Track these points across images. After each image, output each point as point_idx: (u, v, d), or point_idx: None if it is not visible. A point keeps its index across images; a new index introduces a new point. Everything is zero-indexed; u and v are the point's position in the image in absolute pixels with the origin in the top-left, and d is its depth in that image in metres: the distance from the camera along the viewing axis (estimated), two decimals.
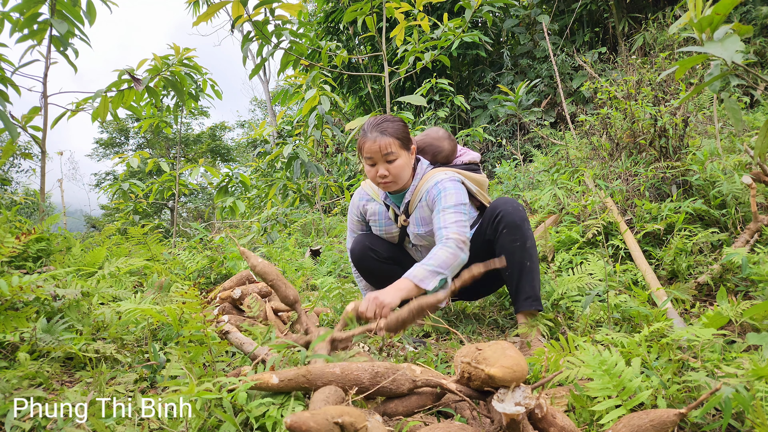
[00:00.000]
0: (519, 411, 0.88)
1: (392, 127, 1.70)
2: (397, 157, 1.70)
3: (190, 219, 12.93)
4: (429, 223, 1.79)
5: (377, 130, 1.68)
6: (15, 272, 1.80)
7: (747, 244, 2.04)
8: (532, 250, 1.68)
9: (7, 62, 2.83)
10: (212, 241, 3.69)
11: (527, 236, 1.67)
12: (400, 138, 1.70)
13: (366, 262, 1.93)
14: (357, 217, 2.03)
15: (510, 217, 1.66)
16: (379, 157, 1.69)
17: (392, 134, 1.68)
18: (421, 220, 1.81)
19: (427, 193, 1.77)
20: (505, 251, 1.66)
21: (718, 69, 1.19)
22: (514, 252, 1.65)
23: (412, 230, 1.84)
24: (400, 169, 1.71)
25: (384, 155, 1.68)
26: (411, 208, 1.82)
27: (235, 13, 2.86)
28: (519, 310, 1.69)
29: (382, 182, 1.75)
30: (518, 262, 1.66)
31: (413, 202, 1.81)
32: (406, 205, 1.83)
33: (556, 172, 3.46)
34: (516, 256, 1.66)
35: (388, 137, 1.67)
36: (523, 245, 1.66)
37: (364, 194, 2.00)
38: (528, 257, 1.66)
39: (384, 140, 1.67)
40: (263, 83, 17.40)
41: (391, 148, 1.67)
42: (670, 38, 5.82)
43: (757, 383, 0.94)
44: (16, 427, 1.01)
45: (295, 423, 0.79)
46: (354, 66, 8.38)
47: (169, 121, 4.72)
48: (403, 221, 1.85)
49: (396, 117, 1.76)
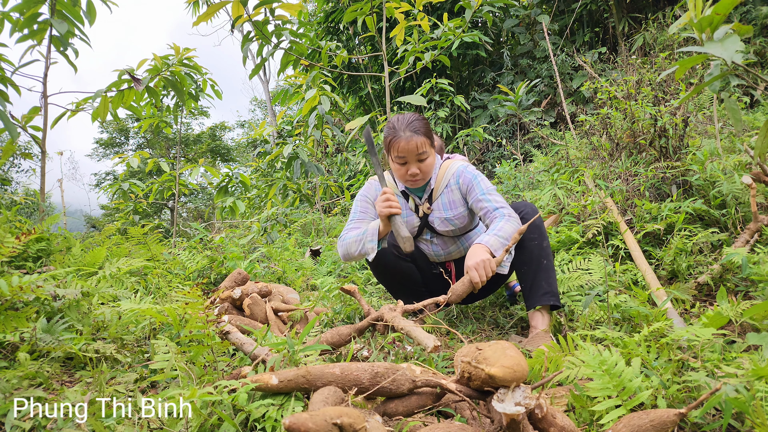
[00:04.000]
0: (519, 411, 0.88)
1: (423, 126, 1.73)
2: (429, 156, 1.75)
3: (190, 219, 12.93)
4: (458, 206, 1.84)
5: (410, 129, 1.70)
6: (15, 272, 1.80)
7: (747, 244, 2.04)
8: (549, 249, 1.74)
9: (7, 62, 2.83)
10: (212, 241, 3.69)
11: (544, 236, 1.73)
12: (430, 137, 1.76)
13: (386, 257, 1.89)
14: (369, 205, 1.94)
15: (531, 217, 1.73)
16: (413, 157, 1.72)
17: (424, 133, 1.72)
18: (450, 204, 1.85)
19: (456, 178, 1.83)
20: (524, 248, 1.72)
21: (718, 69, 1.19)
22: (533, 250, 1.71)
23: (438, 215, 1.86)
24: (430, 166, 1.77)
25: (418, 154, 1.71)
26: (435, 195, 1.86)
27: (235, 13, 2.86)
28: (535, 305, 1.69)
29: (411, 180, 1.78)
30: (536, 259, 1.70)
31: (437, 189, 1.86)
32: (430, 193, 1.87)
33: (556, 172, 3.46)
34: (534, 254, 1.71)
35: (422, 136, 1.70)
36: (541, 244, 1.71)
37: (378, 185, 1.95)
38: (545, 255, 1.71)
39: (419, 140, 1.70)
40: (263, 83, 17.40)
41: (424, 147, 1.72)
42: (670, 38, 5.82)
43: (757, 383, 0.94)
44: (16, 426, 1.01)
45: (293, 424, 0.79)
46: (354, 66, 8.38)
47: (169, 121, 4.72)
48: (426, 209, 1.88)
49: (421, 115, 1.79)
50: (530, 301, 1.70)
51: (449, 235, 1.90)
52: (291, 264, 3.38)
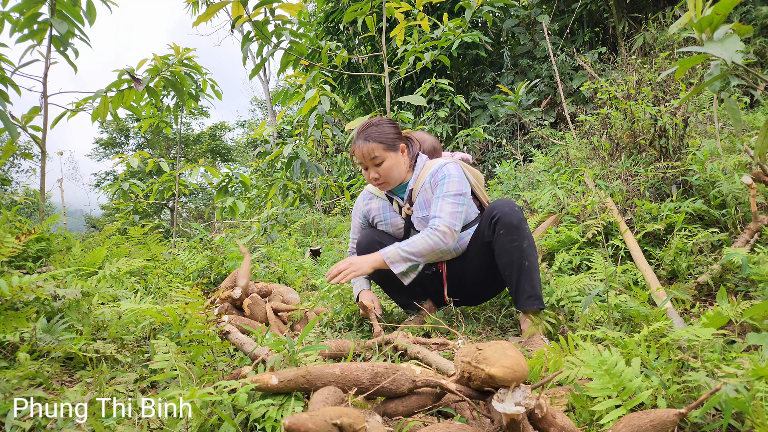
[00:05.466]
0: (519, 411, 0.88)
1: (376, 131, 1.79)
2: (384, 160, 1.80)
3: (190, 219, 12.93)
4: (430, 206, 1.85)
5: (362, 137, 1.80)
6: (15, 272, 1.80)
7: (747, 244, 2.04)
8: (530, 250, 1.68)
9: (7, 62, 2.83)
10: (212, 241, 3.69)
11: (524, 236, 1.67)
12: (383, 141, 1.79)
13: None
14: (360, 220, 2.07)
15: (507, 218, 1.66)
16: (369, 162, 1.81)
17: (375, 139, 1.79)
18: (424, 203, 1.86)
19: (431, 177, 1.85)
20: (504, 252, 1.68)
21: (718, 69, 1.19)
22: (513, 252, 1.66)
23: (416, 215, 1.88)
24: (389, 170, 1.81)
25: (371, 159, 1.79)
26: (414, 195, 1.88)
27: (235, 13, 2.86)
28: (520, 310, 1.70)
29: (375, 184, 1.87)
30: (517, 262, 1.66)
31: (416, 189, 1.88)
32: (410, 193, 1.89)
33: (556, 172, 3.46)
34: (515, 257, 1.66)
35: (372, 143, 1.78)
36: (521, 246, 1.66)
37: (366, 194, 2.07)
38: (526, 257, 1.66)
39: (367, 146, 1.78)
40: (263, 83, 17.41)
41: (375, 152, 1.78)
42: (670, 38, 5.81)
43: (757, 383, 0.94)
44: (16, 427, 1.01)
45: (293, 424, 0.79)
46: (354, 66, 8.37)
47: (169, 121, 4.72)
48: (407, 210, 1.90)
49: (383, 119, 1.84)
50: (517, 304, 1.71)
51: None
52: (291, 264, 3.38)
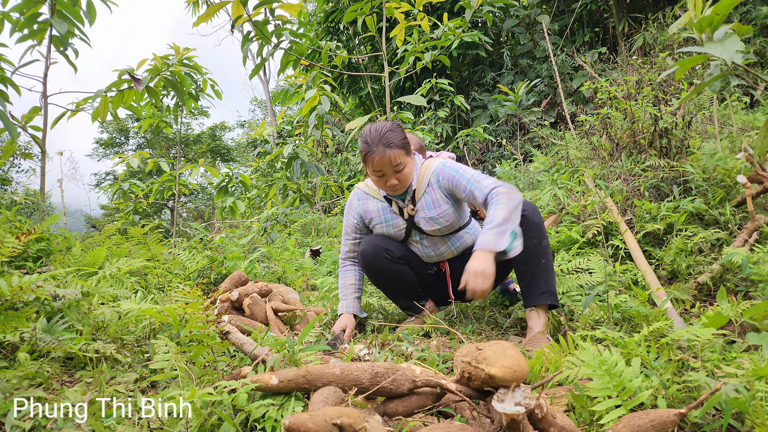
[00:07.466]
0: (519, 411, 0.88)
1: (395, 137, 1.74)
2: (405, 165, 1.77)
3: (190, 219, 12.93)
4: (441, 204, 1.85)
5: (383, 144, 1.71)
6: (15, 272, 1.80)
7: (746, 243, 2.04)
8: (548, 249, 1.73)
9: (7, 62, 2.83)
10: (212, 241, 3.69)
11: (543, 235, 1.73)
12: (404, 146, 1.77)
13: (380, 262, 1.92)
14: (355, 220, 2.04)
15: (531, 216, 1.73)
16: (389, 170, 1.75)
17: (397, 145, 1.74)
18: (433, 203, 1.85)
19: (437, 176, 1.84)
20: (524, 247, 1.70)
21: (718, 69, 1.19)
22: (532, 249, 1.69)
23: (423, 215, 1.87)
24: (408, 175, 1.80)
25: (394, 167, 1.74)
26: (418, 195, 1.87)
27: (235, 13, 2.86)
28: (532, 304, 1.69)
29: (393, 191, 1.82)
30: (535, 259, 1.70)
31: (420, 189, 1.87)
32: (413, 194, 1.87)
33: (556, 172, 3.46)
34: (533, 253, 1.70)
35: (395, 149, 1.72)
36: (540, 243, 1.71)
37: (361, 194, 2.02)
38: (544, 255, 1.71)
39: (392, 153, 1.72)
40: (263, 83, 17.40)
41: (399, 159, 1.73)
42: (670, 38, 5.81)
43: (757, 383, 0.94)
44: (16, 426, 1.01)
45: (293, 424, 0.79)
46: (354, 66, 8.37)
47: (169, 121, 4.72)
48: (411, 210, 1.89)
49: (393, 124, 1.80)
50: (528, 300, 1.70)
51: (437, 235, 1.91)
52: (291, 264, 3.38)
